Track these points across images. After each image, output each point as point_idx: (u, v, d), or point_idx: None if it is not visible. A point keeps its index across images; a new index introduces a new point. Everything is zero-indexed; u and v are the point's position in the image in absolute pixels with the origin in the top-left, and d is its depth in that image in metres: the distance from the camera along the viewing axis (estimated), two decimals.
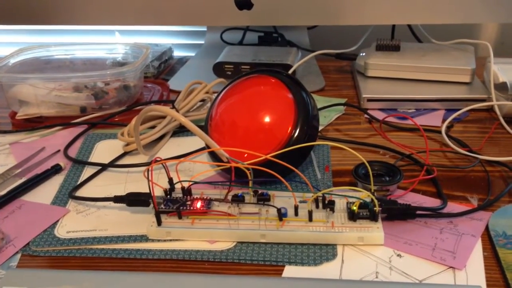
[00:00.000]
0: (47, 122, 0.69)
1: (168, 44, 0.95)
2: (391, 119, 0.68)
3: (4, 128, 0.70)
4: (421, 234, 0.46)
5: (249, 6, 0.74)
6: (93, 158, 0.62)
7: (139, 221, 0.49)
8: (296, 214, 0.47)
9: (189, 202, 0.48)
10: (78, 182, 0.56)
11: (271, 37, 0.95)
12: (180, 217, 0.47)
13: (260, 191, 0.49)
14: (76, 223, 0.50)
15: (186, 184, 0.49)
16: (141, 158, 0.61)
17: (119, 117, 0.71)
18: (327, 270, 0.43)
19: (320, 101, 0.74)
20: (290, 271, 0.43)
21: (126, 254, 0.46)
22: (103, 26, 1.05)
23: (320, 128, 0.66)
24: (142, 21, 0.79)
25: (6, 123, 0.71)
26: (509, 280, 0.40)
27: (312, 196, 0.47)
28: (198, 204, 0.48)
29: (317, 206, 0.48)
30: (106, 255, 0.46)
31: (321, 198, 0.47)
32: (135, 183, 0.56)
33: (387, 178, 0.53)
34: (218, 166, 0.55)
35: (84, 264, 0.45)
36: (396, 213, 0.48)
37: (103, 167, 0.59)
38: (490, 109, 0.71)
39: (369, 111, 0.71)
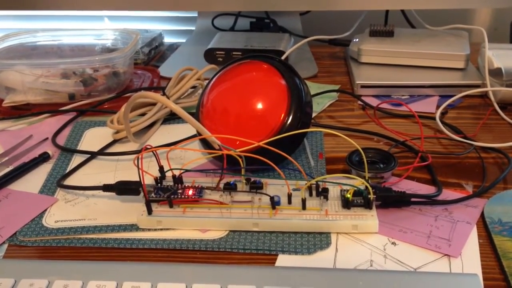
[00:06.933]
0: (34, 109, 0.68)
1: (158, 30, 0.94)
2: (385, 105, 0.68)
3: None
4: (416, 222, 0.46)
5: None
6: (82, 146, 0.61)
7: (129, 210, 0.48)
8: (290, 202, 0.46)
9: (180, 191, 0.47)
10: (67, 171, 0.55)
11: (263, 23, 0.93)
12: (171, 206, 0.46)
13: (252, 179, 0.48)
14: (64, 213, 0.49)
15: (177, 172, 0.49)
16: (131, 146, 0.60)
17: (108, 104, 0.69)
18: (321, 258, 0.42)
19: (313, 87, 0.73)
20: (283, 260, 0.42)
21: (116, 244, 0.45)
22: (92, 12, 1.03)
23: (313, 115, 0.65)
24: (132, 6, 0.77)
25: None
26: (505, 268, 0.40)
27: (306, 183, 0.46)
28: (190, 193, 0.47)
29: (311, 194, 0.47)
30: (96, 244, 0.45)
31: (314, 185, 0.46)
32: (125, 171, 0.55)
33: (381, 165, 0.52)
34: (210, 153, 0.54)
35: (73, 254, 0.44)
36: (390, 201, 0.47)
37: (92, 155, 0.58)
38: (485, 95, 0.70)
39: (362, 98, 0.70)
